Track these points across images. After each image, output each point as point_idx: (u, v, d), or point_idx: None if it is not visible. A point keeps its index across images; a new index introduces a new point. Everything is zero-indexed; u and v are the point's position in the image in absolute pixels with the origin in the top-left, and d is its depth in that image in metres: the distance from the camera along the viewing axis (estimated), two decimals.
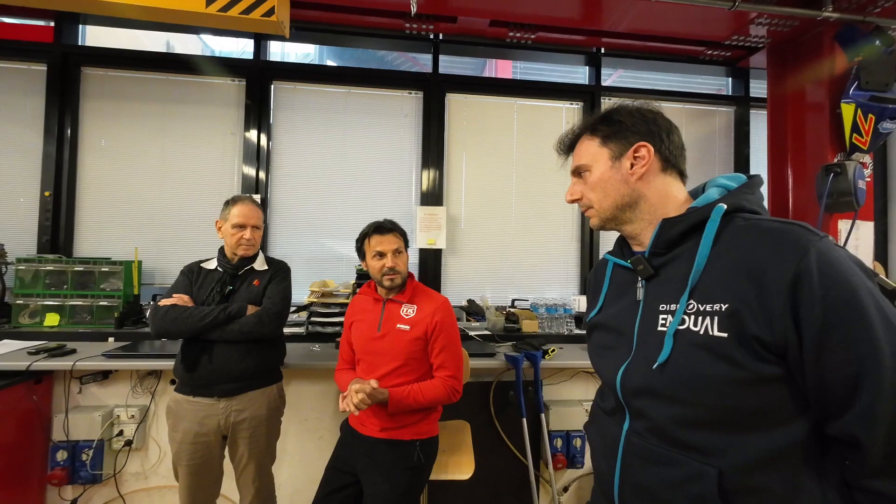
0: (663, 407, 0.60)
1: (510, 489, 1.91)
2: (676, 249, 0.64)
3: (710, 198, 0.64)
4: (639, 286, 0.68)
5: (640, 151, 0.67)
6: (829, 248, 0.53)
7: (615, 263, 0.75)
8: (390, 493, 1.24)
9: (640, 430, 0.63)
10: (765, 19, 2.07)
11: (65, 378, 1.78)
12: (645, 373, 0.61)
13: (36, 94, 2.21)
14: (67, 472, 1.71)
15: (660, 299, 0.64)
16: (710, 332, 0.56)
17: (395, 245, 1.37)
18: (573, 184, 0.75)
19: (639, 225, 0.69)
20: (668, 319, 0.61)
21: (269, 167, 2.37)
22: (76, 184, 2.24)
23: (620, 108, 0.71)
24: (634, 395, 0.63)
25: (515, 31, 2.32)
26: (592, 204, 0.71)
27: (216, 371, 1.36)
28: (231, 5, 1.66)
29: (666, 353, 0.59)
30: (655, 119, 0.69)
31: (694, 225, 0.62)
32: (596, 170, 0.70)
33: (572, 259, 2.56)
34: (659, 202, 0.67)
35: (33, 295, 1.99)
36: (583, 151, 0.72)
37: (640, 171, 0.67)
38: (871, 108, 1.87)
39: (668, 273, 0.64)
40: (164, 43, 3.43)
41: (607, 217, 0.70)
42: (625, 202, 0.68)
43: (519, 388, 1.78)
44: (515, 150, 2.56)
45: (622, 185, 0.68)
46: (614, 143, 0.69)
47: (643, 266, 0.67)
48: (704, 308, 0.57)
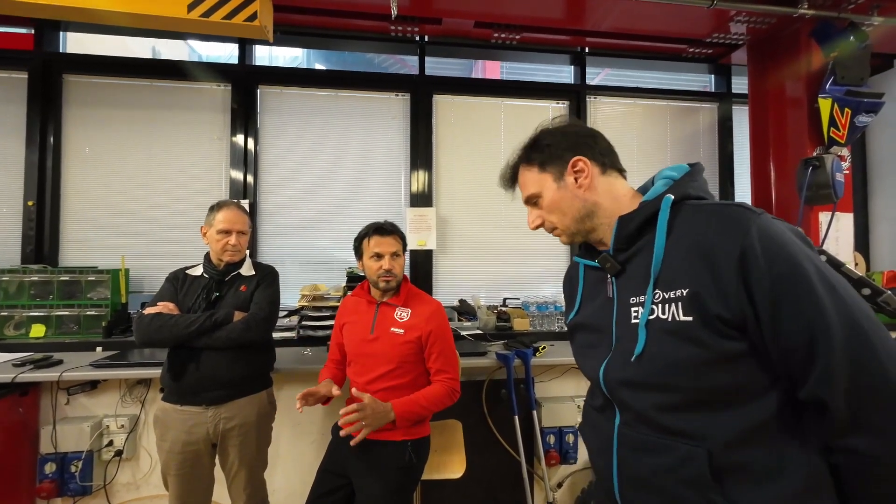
0: (645, 396, 0.62)
1: (504, 486, 1.92)
2: (637, 243, 0.66)
3: (658, 190, 0.67)
4: (609, 283, 0.70)
5: (578, 165, 0.70)
6: (768, 223, 0.56)
7: (585, 265, 0.77)
8: (382, 493, 1.24)
9: (630, 422, 0.65)
10: (744, 17, 2.11)
11: (52, 389, 1.76)
12: (624, 365, 0.64)
13: (17, 102, 2.18)
14: (56, 484, 1.68)
15: (629, 293, 0.66)
16: (677, 318, 0.58)
17: (393, 248, 1.37)
18: (530, 212, 0.77)
19: (601, 230, 0.72)
20: (639, 311, 0.63)
21: (257, 171, 2.36)
22: (60, 192, 2.21)
23: (543, 132, 0.75)
24: (618, 388, 0.65)
25: (500, 32, 2.34)
26: (556, 224, 0.74)
27: (204, 379, 1.35)
28: (213, 10, 1.66)
29: (641, 343, 0.61)
30: (577, 132, 0.73)
31: (647, 218, 0.64)
32: (546, 194, 0.73)
33: (562, 257, 2.58)
34: (612, 204, 0.70)
35: (18, 306, 1.96)
36: (527, 181, 0.75)
37: (586, 182, 0.70)
38: (847, 103, 1.92)
39: (633, 267, 0.67)
40: (150, 48, 3.40)
41: (573, 231, 0.73)
42: (583, 214, 0.71)
43: (510, 385, 1.79)
44: (503, 150, 2.58)
45: (574, 200, 0.71)
46: (552, 166, 0.72)
47: (610, 263, 0.69)
48: (669, 295, 0.59)
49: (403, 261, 1.43)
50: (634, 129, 2.67)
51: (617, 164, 0.73)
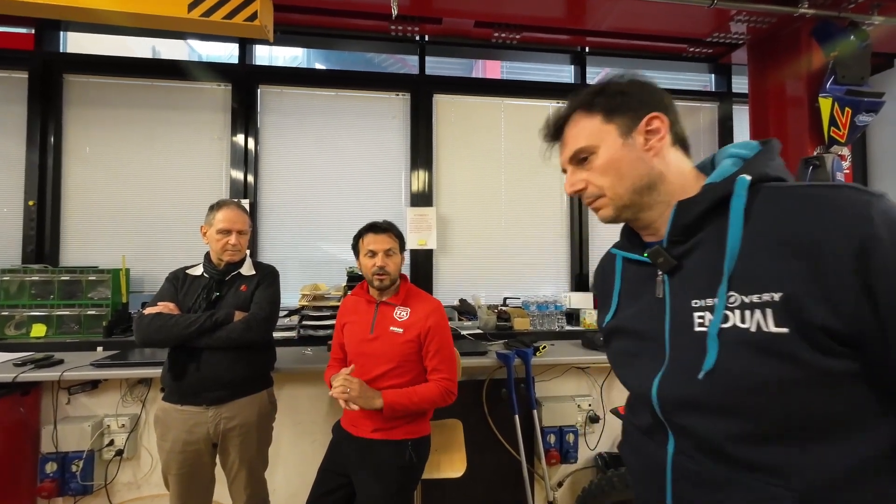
0: (716, 421, 0.50)
1: (505, 486, 1.92)
2: (698, 235, 0.55)
3: (727, 170, 0.55)
4: (660, 281, 0.58)
5: (654, 123, 0.58)
6: (892, 208, 0.44)
7: (625, 258, 0.66)
8: (382, 492, 1.25)
9: (689, 451, 0.53)
10: (744, 16, 2.11)
11: (53, 389, 1.76)
12: (687, 383, 0.52)
13: (18, 102, 2.18)
14: (57, 483, 1.69)
15: (690, 294, 0.54)
16: (765, 328, 0.46)
17: (387, 245, 1.37)
18: (572, 172, 0.64)
19: (657, 210, 0.60)
20: (705, 317, 0.52)
21: (258, 171, 2.36)
22: (61, 192, 2.22)
23: (616, 79, 0.62)
24: (677, 410, 0.54)
25: (500, 32, 2.34)
26: (604, 191, 0.60)
27: (204, 379, 1.35)
28: (213, 10, 1.66)
29: (712, 357, 0.49)
30: (657, 90, 0.61)
31: (715, 203, 0.53)
32: (605, 150, 0.59)
33: (562, 256, 2.58)
34: (677, 181, 0.59)
35: (19, 306, 1.96)
36: (582, 132, 0.61)
37: (658, 145, 0.58)
38: (847, 102, 1.92)
39: (695, 263, 0.55)
40: (150, 48, 3.40)
41: (625, 204, 0.60)
42: (644, 184, 0.58)
43: (511, 385, 1.79)
44: (503, 149, 2.58)
45: (639, 163, 0.58)
46: (621, 118, 0.59)
47: (663, 258, 0.57)
48: (751, 299, 0.48)
49: (399, 259, 1.41)
50: None
51: (686, 141, 0.62)
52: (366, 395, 1.24)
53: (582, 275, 2.54)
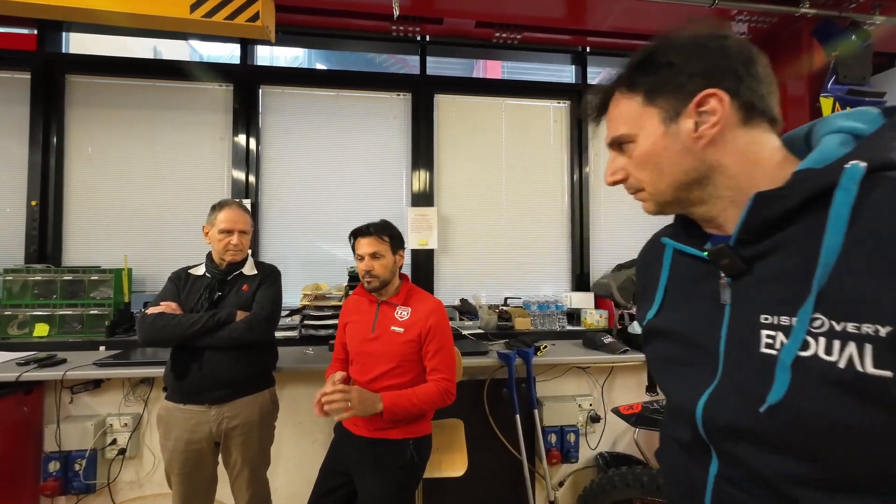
0: (775, 459, 0.42)
1: (506, 485, 1.93)
2: (779, 235, 0.44)
3: (831, 152, 0.43)
4: (724, 284, 0.49)
5: (708, 103, 0.46)
6: None
7: (677, 249, 0.56)
8: (384, 491, 1.25)
9: (736, 479, 0.47)
10: (745, 16, 2.11)
11: (56, 388, 1.77)
12: (743, 410, 0.44)
13: (20, 102, 2.19)
14: (60, 482, 1.70)
15: (760, 307, 0.44)
16: (859, 367, 0.37)
17: (372, 249, 1.36)
18: (613, 158, 0.55)
19: (716, 205, 0.49)
20: (777, 339, 0.42)
21: (259, 171, 2.37)
22: (63, 192, 2.22)
23: (666, 43, 0.49)
24: (726, 436, 0.46)
25: (501, 32, 2.34)
26: (643, 185, 0.52)
27: (206, 378, 1.36)
28: (215, 11, 1.66)
29: (780, 389, 0.41)
30: (724, 49, 0.47)
31: (809, 197, 0.41)
32: (643, 140, 0.50)
33: (563, 256, 2.58)
34: (743, 171, 0.47)
35: (21, 305, 1.97)
36: (619, 116, 0.52)
37: (711, 131, 0.46)
38: (848, 102, 1.92)
39: (770, 269, 0.45)
40: (152, 48, 3.41)
41: (666, 200, 0.52)
42: (689, 180, 0.48)
43: (512, 384, 1.80)
44: (504, 149, 2.58)
45: (684, 156, 0.48)
46: (665, 98, 0.48)
47: (729, 259, 0.47)
48: (844, 328, 0.38)
49: (390, 260, 1.39)
50: None
51: (771, 110, 0.47)
52: (365, 402, 1.22)
53: (583, 275, 2.54)
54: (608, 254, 2.58)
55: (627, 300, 2.18)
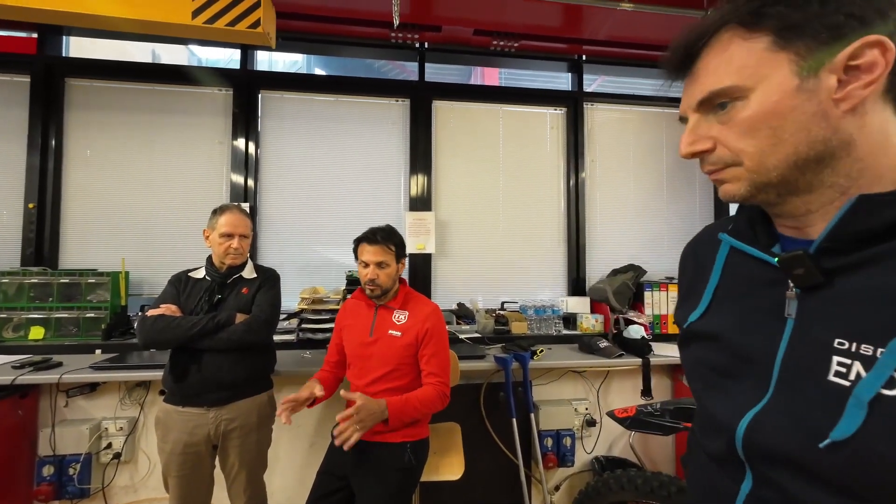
0: (825, 496, 0.38)
1: (502, 489, 1.93)
2: (877, 248, 0.37)
3: None
4: (791, 296, 0.42)
5: (868, 55, 0.36)
6: None
7: (736, 248, 0.49)
8: (382, 494, 1.26)
9: (772, 500, 0.42)
10: None
11: (51, 391, 1.76)
12: (798, 440, 0.39)
13: (19, 105, 2.19)
14: (54, 487, 1.68)
15: (835, 329, 0.38)
16: None
17: (379, 258, 1.37)
18: (695, 124, 0.44)
19: (822, 196, 0.40)
20: (852, 369, 0.36)
21: (258, 175, 2.38)
22: (61, 195, 2.22)
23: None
24: (769, 461, 0.42)
25: (499, 40, 2.38)
26: (741, 158, 0.41)
27: (205, 380, 1.36)
28: (217, 17, 1.68)
29: (850, 426, 0.35)
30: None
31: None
32: (763, 94, 0.38)
33: (560, 261, 2.61)
34: (872, 156, 0.38)
35: (17, 308, 1.96)
36: (728, 61, 0.40)
37: (862, 93, 0.36)
38: None
39: (857, 286, 0.38)
40: (150, 52, 3.42)
41: (770, 182, 0.40)
42: (814, 156, 0.38)
43: (508, 388, 1.81)
44: (502, 155, 2.61)
45: (816, 122, 0.37)
46: (807, 43, 0.37)
47: (807, 270, 0.40)
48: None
49: (394, 269, 1.41)
50: (631, 135, 2.71)
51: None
52: (374, 415, 1.20)
53: (579, 279, 2.56)
54: (604, 259, 2.61)
55: (623, 305, 2.20)
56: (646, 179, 2.68)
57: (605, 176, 2.67)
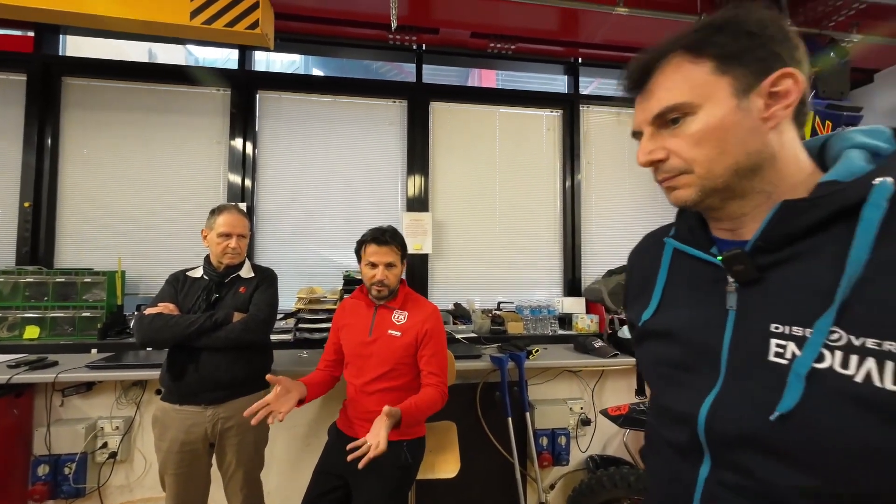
0: (781, 469, 0.42)
1: (498, 488, 1.95)
2: (800, 244, 0.44)
3: (856, 167, 0.43)
4: (731, 290, 0.48)
5: (784, 83, 0.44)
6: None
7: (679, 250, 0.55)
8: (379, 493, 1.27)
9: (730, 484, 0.46)
10: None
11: (46, 391, 1.76)
12: (752, 417, 0.43)
13: (15, 104, 2.19)
14: (49, 486, 1.68)
15: (771, 316, 0.44)
16: (878, 383, 0.37)
17: (388, 258, 1.38)
18: (650, 136, 0.50)
19: (751, 201, 0.47)
20: (788, 348, 0.42)
21: (255, 175, 2.39)
22: (57, 194, 2.22)
23: (742, 14, 0.45)
24: (729, 443, 0.46)
25: (496, 43, 2.40)
26: (692, 167, 0.47)
27: (203, 379, 1.37)
28: (215, 18, 1.69)
29: (793, 399, 0.41)
30: (792, 36, 0.45)
31: (838, 211, 0.41)
32: (709, 111, 0.45)
33: (555, 261, 2.63)
34: (789, 169, 0.46)
35: (12, 307, 1.95)
36: (678, 82, 0.46)
37: (783, 114, 0.44)
38: (828, 116, 2.00)
39: (785, 279, 0.44)
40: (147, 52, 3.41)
41: (715, 187, 0.47)
42: (750, 164, 0.45)
43: (504, 388, 1.82)
44: (498, 156, 2.63)
45: (751, 136, 0.45)
46: (742, 70, 0.44)
47: (745, 267, 0.46)
48: (863, 343, 0.38)
49: (400, 270, 1.43)
50: (626, 137, 2.74)
51: (805, 116, 0.47)
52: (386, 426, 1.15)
53: (574, 280, 2.58)
54: (599, 259, 2.63)
55: (618, 305, 2.23)
56: (641, 181, 2.71)
57: (600, 177, 2.69)
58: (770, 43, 0.44)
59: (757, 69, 0.44)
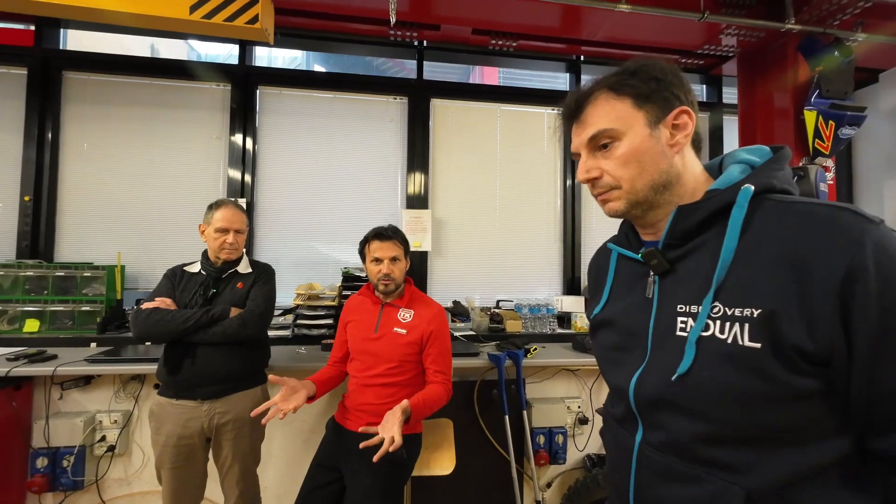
0: (684, 421, 0.53)
1: (494, 485, 1.95)
2: (695, 240, 0.55)
3: (733, 177, 0.55)
4: (651, 282, 0.59)
5: (682, 118, 0.57)
6: (887, 237, 0.45)
7: (620, 254, 0.66)
8: (374, 487, 1.27)
9: (655, 444, 0.56)
10: (734, 30, 2.17)
11: (45, 384, 1.76)
12: (662, 383, 0.54)
13: (16, 97, 2.19)
14: (48, 479, 1.69)
15: (677, 299, 0.56)
16: (740, 342, 0.48)
17: (392, 253, 1.41)
18: (586, 158, 0.61)
19: (664, 210, 0.59)
20: (688, 323, 0.53)
21: (255, 171, 2.38)
22: (57, 188, 2.22)
23: (649, 64, 0.58)
24: (650, 407, 0.56)
25: (497, 39, 2.39)
26: (620, 183, 0.58)
27: (199, 373, 1.37)
28: (215, 13, 1.68)
29: (687, 362, 0.51)
30: (685, 82, 0.59)
31: (715, 211, 0.53)
32: (631, 137, 0.56)
33: (555, 260, 2.62)
34: (689, 183, 0.58)
35: (12, 301, 1.96)
36: (605, 114, 0.58)
37: (683, 141, 0.57)
38: (831, 115, 1.98)
39: (687, 268, 0.56)
40: (149, 46, 3.41)
41: (638, 200, 0.58)
42: (662, 181, 0.57)
43: (501, 386, 1.82)
44: (499, 154, 2.62)
45: (661, 158, 0.56)
46: (652, 106, 0.56)
47: (657, 261, 0.58)
48: (732, 312, 0.49)
49: (404, 264, 1.46)
50: None
51: (700, 143, 0.61)
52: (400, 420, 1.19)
53: (574, 278, 2.58)
54: None
55: None
56: None
57: None
58: (670, 86, 0.57)
59: (662, 106, 0.57)
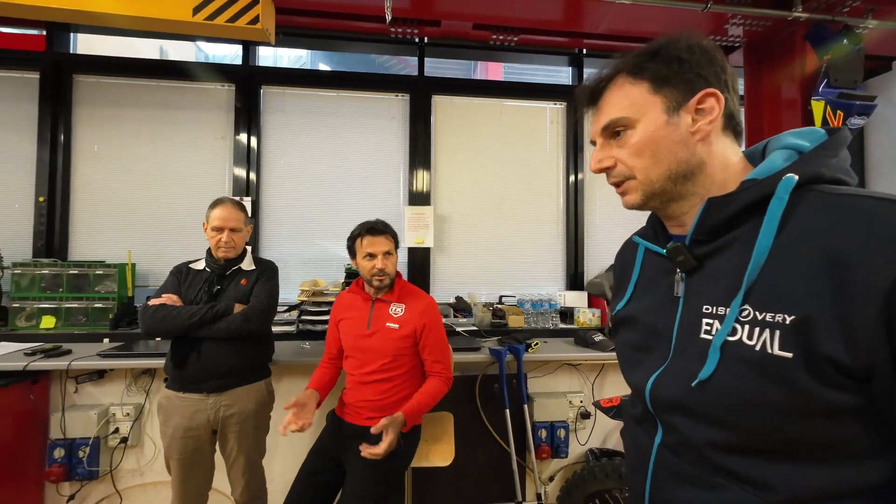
0: (701, 428, 0.49)
1: (496, 479, 1.97)
2: (728, 235, 0.50)
3: (775, 165, 0.49)
4: (677, 279, 0.55)
5: (707, 102, 0.51)
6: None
7: (647, 248, 0.62)
8: (370, 477, 1.30)
9: (673, 446, 0.53)
10: (740, 20, 2.13)
11: (61, 378, 1.83)
12: (681, 386, 0.51)
13: (29, 101, 2.26)
14: (65, 469, 1.76)
15: (704, 299, 0.51)
16: (769, 350, 0.43)
17: (385, 247, 1.42)
18: (601, 147, 0.57)
19: (689, 202, 0.54)
20: (713, 326, 0.49)
21: (260, 169, 2.42)
22: (70, 189, 2.29)
23: (675, 41, 0.52)
24: (666, 410, 0.53)
25: (498, 34, 2.37)
26: (634, 174, 0.54)
27: (204, 368, 1.41)
28: (217, 14, 1.71)
29: (710, 368, 0.47)
30: (721, 60, 0.52)
31: (751, 204, 0.47)
32: (644, 125, 0.52)
33: (558, 256, 2.62)
34: (718, 174, 0.52)
35: (29, 298, 2.03)
36: (621, 100, 0.54)
37: (708, 128, 0.51)
38: (839, 105, 1.93)
39: (716, 266, 0.51)
40: (158, 49, 3.47)
41: (654, 191, 0.54)
42: (681, 172, 0.52)
43: (502, 380, 1.84)
44: (502, 150, 2.62)
45: (680, 147, 0.51)
46: (671, 90, 0.51)
47: (684, 257, 0.53)
48: (763, 317, 0.44)
49: (396, 258, 1.47)
50: None
51: (740, 125, 0.54)
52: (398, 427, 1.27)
53: (577, 274, 2.57)
54: (602, 254, 2.61)
55: None
56: None
57: None
58: (696, 67, 0.51)
59: (684, 90, 0.52)
